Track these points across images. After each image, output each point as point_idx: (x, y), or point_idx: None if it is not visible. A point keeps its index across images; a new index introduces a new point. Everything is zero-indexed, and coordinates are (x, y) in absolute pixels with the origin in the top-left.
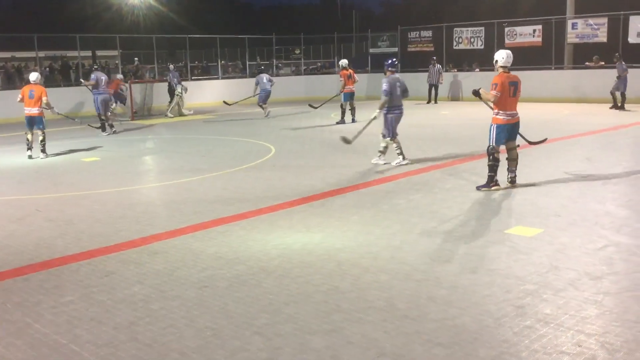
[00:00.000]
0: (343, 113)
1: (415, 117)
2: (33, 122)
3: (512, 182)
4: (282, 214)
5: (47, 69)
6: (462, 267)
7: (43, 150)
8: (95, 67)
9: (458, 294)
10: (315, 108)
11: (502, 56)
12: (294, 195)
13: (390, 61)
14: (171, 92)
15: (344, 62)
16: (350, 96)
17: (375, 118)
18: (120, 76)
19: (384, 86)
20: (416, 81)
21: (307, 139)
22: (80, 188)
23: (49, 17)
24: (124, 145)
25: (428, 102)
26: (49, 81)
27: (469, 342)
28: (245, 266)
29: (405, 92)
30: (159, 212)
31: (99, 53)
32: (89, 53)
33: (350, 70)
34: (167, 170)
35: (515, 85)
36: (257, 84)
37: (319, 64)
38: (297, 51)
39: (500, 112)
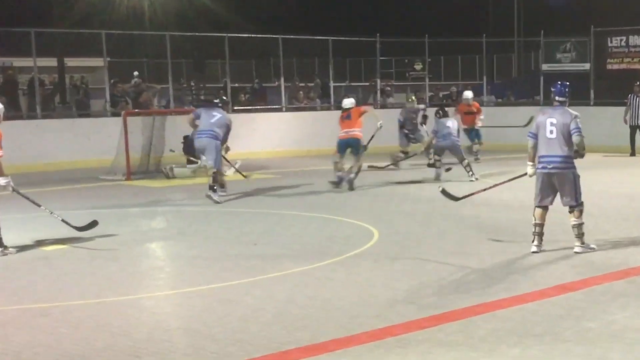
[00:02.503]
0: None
1: (615, 178)
2: None
3: None
4: (392, 345)
5: None
6: None
7: None
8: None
9: None
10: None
11: None
12: (410, 311)
13: (559, 87)
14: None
15: (468, 94)
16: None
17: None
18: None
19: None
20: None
21: (429, 212)
22: (40, 297)
23: None
24: (113, 223)
25: (631, 155)
26: None
27: None
28: None
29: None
30: (178, 345)
31: (70, 62)
32: (52, 61)
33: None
34: (189, 268)
35: None
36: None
37: (454, 89)
38: (419, 65)
39: None
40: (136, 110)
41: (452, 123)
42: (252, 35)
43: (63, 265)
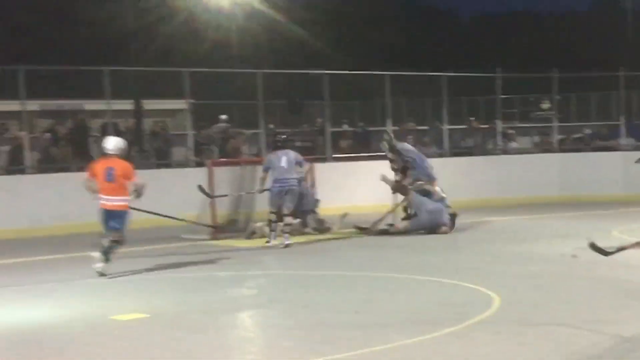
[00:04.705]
0: None
1: None
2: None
3: None
4: None
5: (48, 134)
6: None
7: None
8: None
9: None
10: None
11: None
12: None
13: None
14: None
15: None
16: None
17: None
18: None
19: None
20: None
21: (556, 274)
22: None
23: (49, 37)
24: (197, 289)
25: None
26: (50, 160)
27: None
28: None
29: None
30: None
31: (148, 105)
32: (128, 104)
33: None
34: (283, 339)
35: None
36: None
37: (588, 131)
38: (546, 104)
39: None
40: (223, 159)
41: None
42: (355, 72)
43: (140, 337)
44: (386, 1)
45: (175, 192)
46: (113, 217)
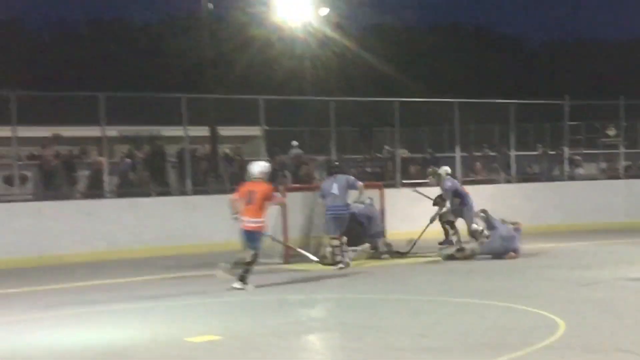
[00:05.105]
0: None
1: None
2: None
3: None
4: None
5: (127, 159)
6: None
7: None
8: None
9: None
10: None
11: None
12: None
13: None
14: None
15: None
16: None
17: None
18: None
19: None
20: None
21: (624, 300)
22: None
23: (130, 65)
24: (268, 312)
25: None
26: (129, 184)
27: None
28: None
29: None
30: None
31: (224, 131)
32: (204, 130)
33: None
34: None
35: None
36: None
37: None
38: (612, 131)
39: None
40: (296, 185)
41: None
42: (425, 100)
43: (213, 359)
44: (456, 28)
45: None
46: (250, 238)
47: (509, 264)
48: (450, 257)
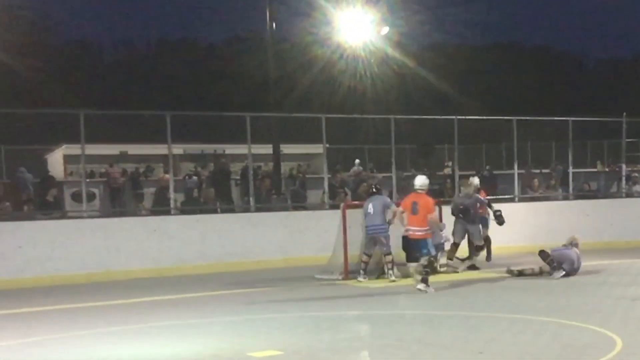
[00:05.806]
0: None
1: None
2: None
3: None
4: None
5: (193, 177)
6: None
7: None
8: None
9: None
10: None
11: None
12: None
13: None
14: None
15: None
16: None
17: None
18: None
19: None
20: None
21: None
22: None
23: (196, 84)
24: (327, 328)
25: None
26: (194, 201)
27: None
28: None
29: None
30: None
31: (286, 149)
32: (267, 148)
33: None
34: None
35: None
36: None
37: None
38: None
39: None
40: (356, 202)
41: None
42: (484, 117)
43: None
44: (515, 46)
45: (309, 233)
46: (419, 246)
47: (566, 281)
48: (520, 274)
